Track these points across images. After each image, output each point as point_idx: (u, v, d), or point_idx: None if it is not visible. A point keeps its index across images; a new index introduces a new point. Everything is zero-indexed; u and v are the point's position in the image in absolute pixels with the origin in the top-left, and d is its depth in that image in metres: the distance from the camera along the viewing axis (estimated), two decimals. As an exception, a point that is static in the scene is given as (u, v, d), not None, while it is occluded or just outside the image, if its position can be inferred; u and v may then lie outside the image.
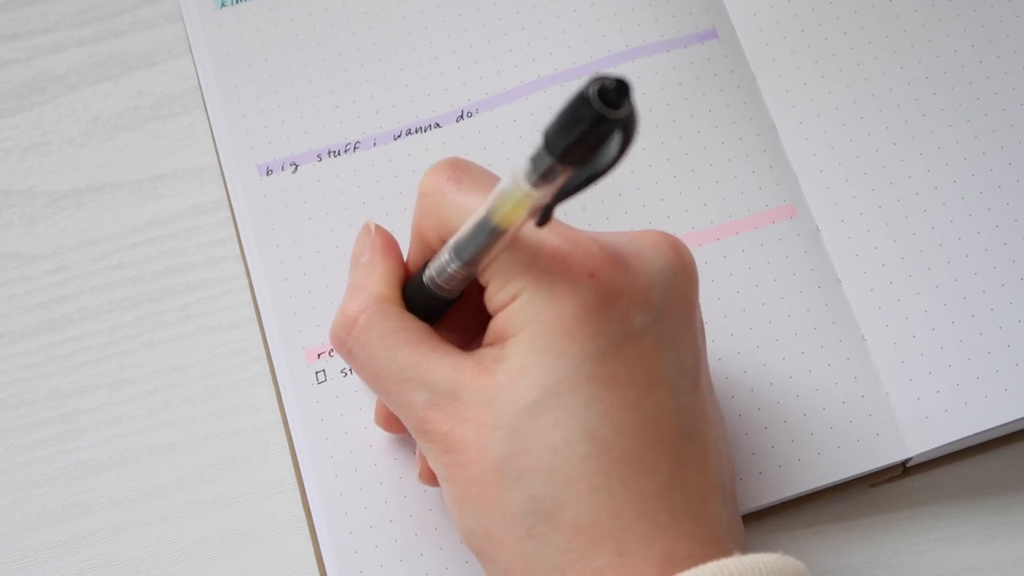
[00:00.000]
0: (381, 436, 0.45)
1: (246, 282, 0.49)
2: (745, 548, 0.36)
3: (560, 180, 0.31)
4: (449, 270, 0.37)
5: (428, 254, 0.39)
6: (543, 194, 0.31)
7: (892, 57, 0.49)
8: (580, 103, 0.29)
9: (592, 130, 0.29)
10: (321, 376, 0.46)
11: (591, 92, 0.29)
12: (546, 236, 0.35)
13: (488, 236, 0.34)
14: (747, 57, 0.50)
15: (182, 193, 0.51)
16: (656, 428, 0.35)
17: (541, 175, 0.31)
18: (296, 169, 0.49)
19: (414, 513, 0.44)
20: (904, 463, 0.45)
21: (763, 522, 0.45)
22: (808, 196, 0.47)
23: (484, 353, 0.36)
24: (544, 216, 0.33)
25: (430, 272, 0.38)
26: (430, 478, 0.41)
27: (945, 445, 0.44)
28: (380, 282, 0.39)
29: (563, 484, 0.34)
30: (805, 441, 0.44)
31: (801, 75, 0.49)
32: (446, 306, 0.39)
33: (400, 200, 0.48)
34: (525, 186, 0.31)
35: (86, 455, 0.47)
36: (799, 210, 0.47)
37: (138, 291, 0.50)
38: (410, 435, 0.43)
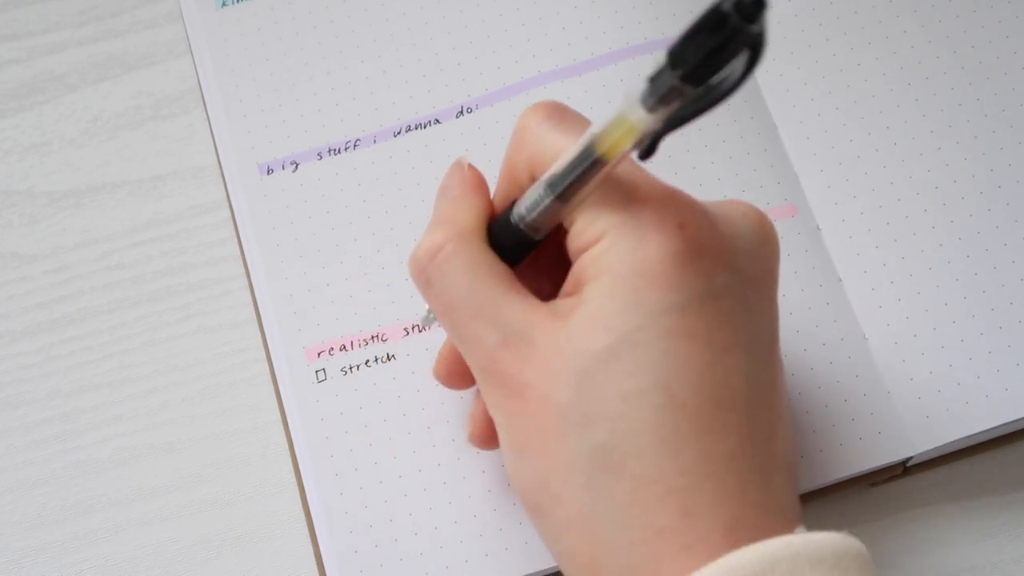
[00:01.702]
0: (381, 435, 0.45)
1: (246, 282, 0.49)
2: (807, 526, 0.35)
3: (679, 103, 0.30)
4: (542, 205, 0.35)
5: (516, 192, 0.38)
6: (657, 119, 0.31)
7: (892, 57, 0.49)
8: (716, 16, 0.28)
9: (726, 45, 0.28)
10: (321, 375, 0.46)
11: (727, 6, 0.28)
12: (641, 181, 0.35)
13: (589, 167, 0.33)
14: (747, 57, 0.50)
15: (182, 193, 0.51)
16: (729, 392, 0.34)
17: (661, 96, 0.30)
18: (296, 168, 0.49)
19: (414, 513, 0.44)
20: (905, 462, 0.45)
21: (764, 521, 0.45)
22: (809, 195, 0.47)
23: (560, 302, 0.35)
24: (650, 148, 0.32)
25: (519, 210, 0.37)
26: (483, 438, 0.41)
27: (946, 444, 0.44)
28: (469, 215, 0.38)
29: (631, 434, 0.33)
30: (807, 439, 0.44)
31: (802, 75, 0.49)
32: (529, 248, 0.38)
33: (401, 197, 0.48)
34: (639, 110, 0.31)
35: (86, 455, 0.47)
36: (800, 209, 0.47)
37: (138, 291, 0.50)
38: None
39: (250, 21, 0.51)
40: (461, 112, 0.49)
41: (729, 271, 0.34)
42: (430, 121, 0.49)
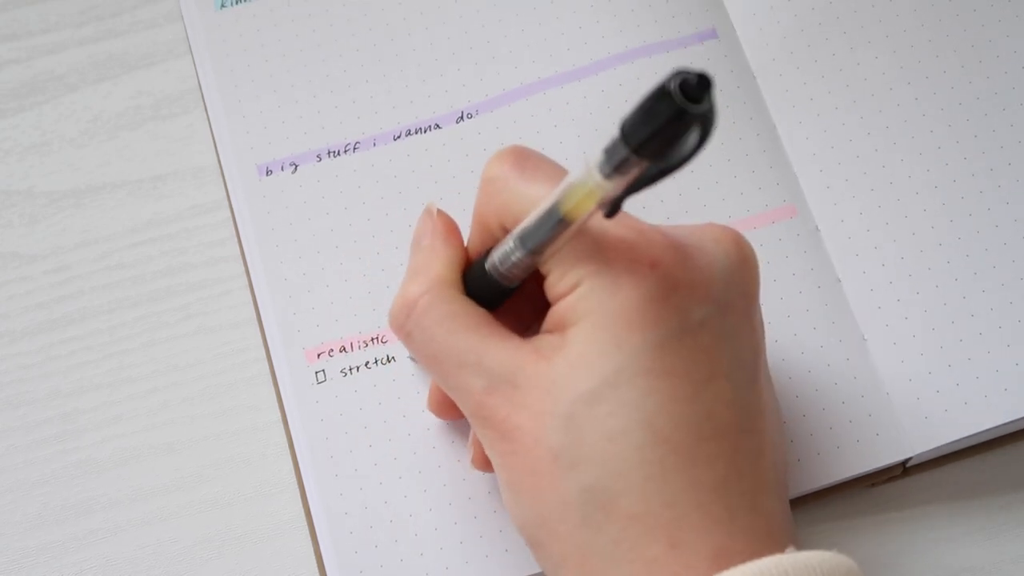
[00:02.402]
0: (381, 436, 0.45)
1: (246, 282, 0.49)
2: (798, 544, 0.36)
3: (634, 173, 0.31)
4: (513, 259, 0.36)
5: (488, 241, 0.38)
6: (615, 186, 0.31)
7: (892, 57, 0.49)
8: (661, 96, 0.29)
9: (671, 124, 0.29)
10: (321, 376, 0.46)
11: (673, 85, 0.28)
12: (609, 225, 0.35)
13: (555, 226, 0.34)
14: (747, 57, 0.50)
15: (182, 193, 0.51)
16: (712, 421, 0.35)
17: (615, 167, 0.31)
18: (296, 169, 0.49)
19: (414, 513, 0.44)
20: (904, 463, 0.45)
21: (763, 522, 0.45)
22: (808, 196, 0.47)
23: (543, 340, 0.36)
24: (613, 208, 0.33)
25: (492, 260, 0.37)
26: (483, 464, 0.42)
27: (945, 445, 0.44)
28: (441, 266, 0.39)
29: (617, 474, 0.34)
30: (805, 441, 0.44)
31: (801, 75, 0.49)
32: (506, 294, 0.39)
33: (400, 200, 0.48)
34: (597, 177, 0.31)
35: (86, 455, 0.47)
36: (799, 210, 0.47)
37: (138, 291, 0.50)
38: (451, 425, 0.44)
39: (250, 22, 0.51)
40: (461, 117, 0.49)
41: (705, 302, 0.35)
42: (430, 126, 0.49)
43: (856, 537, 0.45)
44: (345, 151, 0.49)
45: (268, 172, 0.49)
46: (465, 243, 0.40)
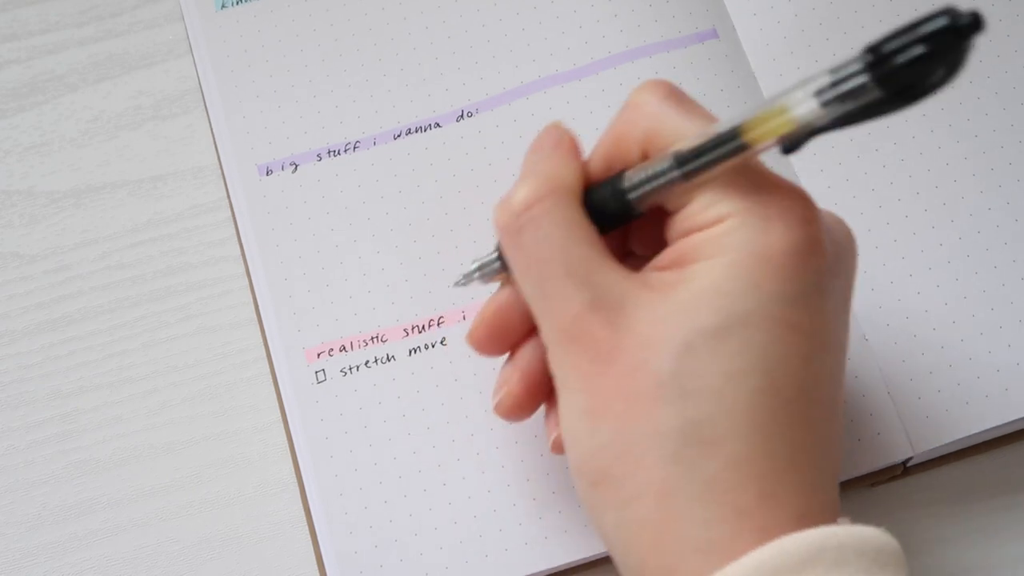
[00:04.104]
0: (381, 436, 0.45)
1: (246, 282, 0.49)
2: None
3: (857, 103, 0.29)
4: (664, 179, 0.35)
5: (619, 165, 0.37)
6: (826, 114, 0.30)
7: (892, 57, 0.49)
8: (934, 25, 0.28)
9: (935, 55, 0.28)
10: (321, 376, 0.46)
11: (946, 19, 0.27)
12: (766, 170, 0.35)
13: (730, 150, 0.33)
14: (747, 57, 0.50)
15: (182, 193, 0.51)
16: (820, 389, 0.34)
17: (844, 92, 0.30)
18: (296, 169, 0.49)
19: (414, 514, 0.44)
20: (904, 463, 0.45)
21: (763, 522, 0.45)
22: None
23: (655, 275, 0.35)
24: (794, 145, 0.32)
25: (633, 179, 0.36)
26: (527, 399, 0.39)
27: (945, 445, 0.44)
28: (568, 173, 0.37)
29: (728, 413, 0.33)
30: (805, 441, 0.44)
31: (801, 75, 0.49)
32: (624, 221, 0.37)
33: (400, 199, 0.48)
34: (811, 102, 0.30)
35: (86, 455, 0.47)
36: (799, 210, 0.47)
37: (138, 291, 0.50)
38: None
39: (250, 22, 0.51)
40: (461, 116, 0.49)
41: (836, 274, 0.35)
42: (430, 124, 0.49)
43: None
44: (345, 150, 0.49)
45: (268, 172, 0.49)
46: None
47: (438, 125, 0.49)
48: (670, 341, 0.34)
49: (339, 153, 0.49)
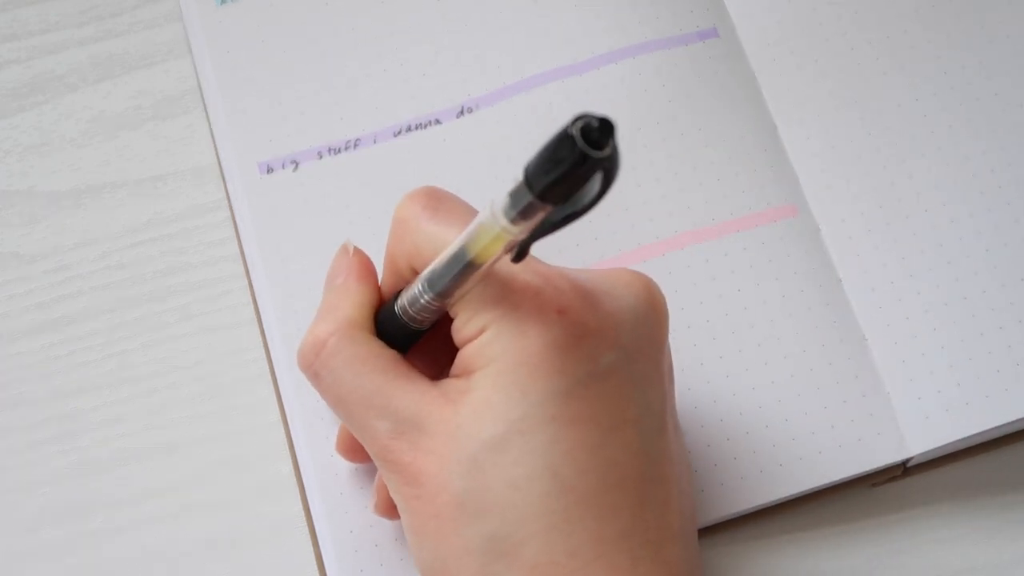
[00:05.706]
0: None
1: (246, 282, 0.49)
2: None
3: (538, 217, 0.30)
4: (421, 301, 0.36)
5: (399, 282, 0.38)
6: (521, 230, 0.31)
7: (893, 57, 0.49)
8: (563, 141, 0.28)
9: (574, 169, 0.28)
10: (321, 376, 0.46)
11: (575, 130, 0.28)
12: (517, 270, 0.35)
13: (462, 269, 0.34)
14: (748, 56, 0.50)
15: (182, 193, 0.51)
16: (618, 470, 0.35)
17: (520, 211, 0.30)
18: (297, 167, 0.49)
19: (414, 513, 0.44)
20: (905, 463, 0.45)
21: (763, 522, 0.45)
22: (809, 195, 0.47)
23: (450, 384, 0.36)
24: (520, 252, 0.32)
25: (402, 302, 0.37)
26: (387, 510, 0.41)
27: (946, 445, 0.44)
28: (352, 306, 0.39)
29: (521, 522, 0.34)
30: (806, 440, 0.44)
31: (802, 74, 0.49)
32: (417, 336, 0.39)
33: (400, 198, 0.48)
34: (503, 221, 0.31)
35: (86, 455, 0.47)
36: (800, 209, 0.47)
37: (138, 291, 0.50)
38: (371, 465, 0.44)
39: (250, 20, 0.51)
40: (462, 112, 0.49)
41: (613, 349, 0.35)
42: (431, 121, 0.49)
43: (856, 537, 0.45)
44: (346, 148, 0.49)
45: (269, 170, 0.49)
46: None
47: (438, 121, 0.49)
48: (459, 459, 0.35)
49: (340, 151, 0.49)
